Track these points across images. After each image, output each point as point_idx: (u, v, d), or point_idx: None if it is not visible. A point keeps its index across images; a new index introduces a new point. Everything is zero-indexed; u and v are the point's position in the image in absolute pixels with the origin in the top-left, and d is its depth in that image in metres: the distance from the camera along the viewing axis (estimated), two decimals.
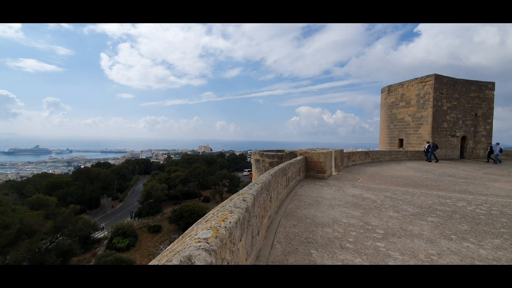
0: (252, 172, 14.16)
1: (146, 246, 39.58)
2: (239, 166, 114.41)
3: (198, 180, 69.14)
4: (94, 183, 58.27)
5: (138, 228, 45.06)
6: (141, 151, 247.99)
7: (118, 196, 68.02)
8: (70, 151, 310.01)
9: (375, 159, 20.45)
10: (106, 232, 43.24)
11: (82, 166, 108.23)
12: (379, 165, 17.70)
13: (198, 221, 2.66)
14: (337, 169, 13.72)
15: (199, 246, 1.87)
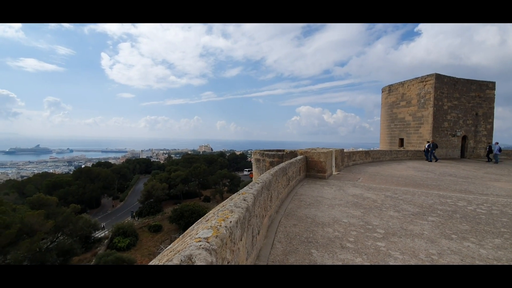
0: (253, 171, 14.14)
1: (147, 246, 39.62)
2: (239, 166, 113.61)
3: (198, 179, 69.03)
4: (95, 183, 58.35)
5: (139, 227, 45.12)
6: (141, 150, 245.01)
7: (119, 196, 68.11)
8: (71, 151, 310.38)
9: (375, 158, 20.31)
10: (106, 232, 43.31)
11: (82, 165, 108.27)
12: (379, 165, 17.51)
13: (198, 220, 2.65)
14: (338, 168, 13.62)
15: (200, 245, 1.87)
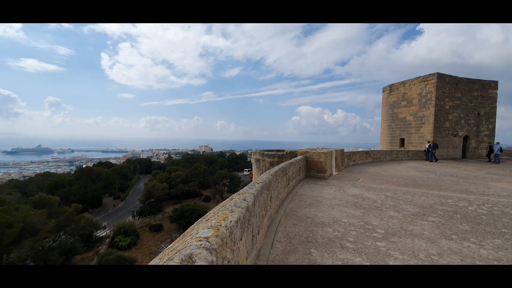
0: (253, 171, 14.14)
1: (148, 245, 39.70)
2: (239, 166, 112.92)
3: (198, 179, 68.91)
4: (96, 183, 58.48)
5: (140, 227, 45.20)
6: (142, 150, 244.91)
7: (120, 196, 68.24)
8: (72, 151, 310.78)
9: (376, 158, 20.27)
10: (108, 231, 43.41)
11: (84, 165, 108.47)
12: (380, 165, 17.52)
13: (199, 220, 2.68)
14: (338, 168, 13.61)
15: (200, 245, 1.89)
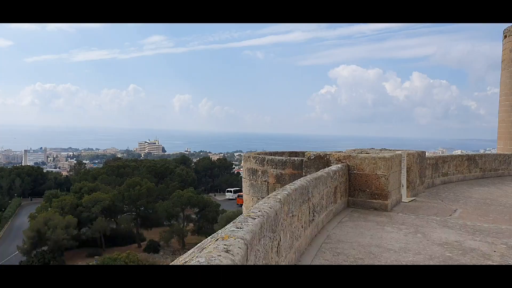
0: (244, 193, 8.90)
1: None
2: (217, 183, 68.61)
3: (137, 208, 41.27)
4: None
5: None
6: (24, 150, 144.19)
7: None
8: None
9: (488, 171, 13.31)
10: None
11: None
12: (496, 184, 11.39)
13: None
14: (412, 190, 8.76)
15: None
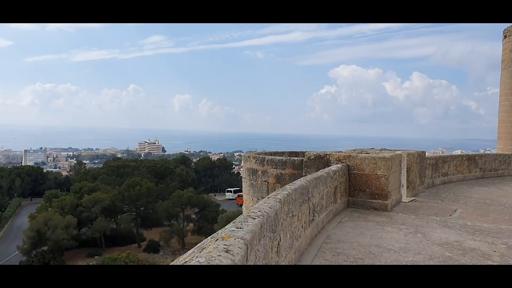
0: (244, 193, 9.15)
1: None
2: (217, 183, 71.34)
3: (137, 208, 42.47)
4: None
5: None
6: (24, 150, 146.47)
7: None
8: None
9: (488, 171, 13.24)
10: None
11: None
12: (496, 184, 11.40)
13: None
14: (412, 190, 8.79)
15: None
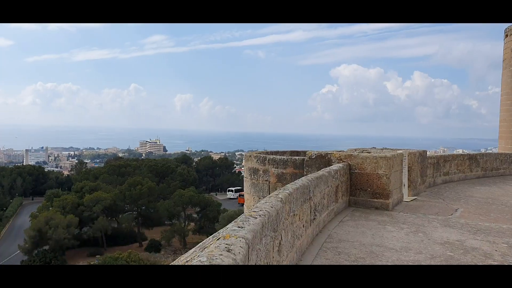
0: (245, 192, 9.13)
1: None
2: (219, 182, 71.39)
3: (138, 208, 42.28)
4: None
5: None
6: (26, 149, 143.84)
7: None
8: None
9: (490, 170, 13.09)
10: None
11: None
12: (497, 184, 11.31)
13: None
14: (413, 189, 8.66)
15: None
